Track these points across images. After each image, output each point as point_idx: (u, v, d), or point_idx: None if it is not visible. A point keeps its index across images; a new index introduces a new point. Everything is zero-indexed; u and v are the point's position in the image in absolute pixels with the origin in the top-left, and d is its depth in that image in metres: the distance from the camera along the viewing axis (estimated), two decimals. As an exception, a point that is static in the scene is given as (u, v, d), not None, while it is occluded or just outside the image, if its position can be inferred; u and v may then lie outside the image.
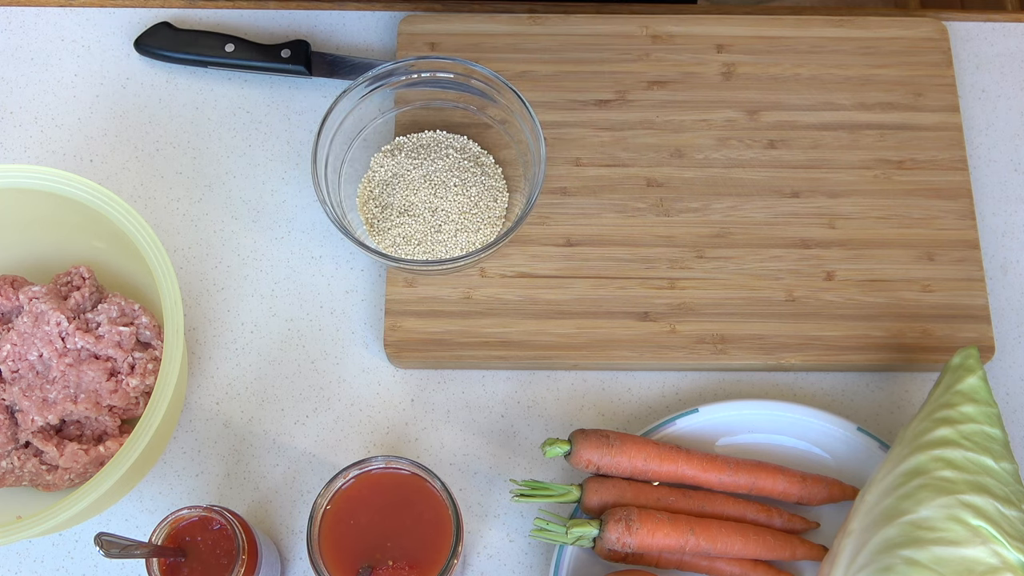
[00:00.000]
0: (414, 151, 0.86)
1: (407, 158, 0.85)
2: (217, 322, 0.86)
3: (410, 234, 0.83)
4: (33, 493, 0.79)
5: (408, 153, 0.85)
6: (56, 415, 0.78)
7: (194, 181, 0.90)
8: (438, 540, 0.69)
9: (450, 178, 0.84)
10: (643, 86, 0.90)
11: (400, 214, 0.83)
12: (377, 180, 0.85)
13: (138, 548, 0.67)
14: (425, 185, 0.83)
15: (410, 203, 0.83)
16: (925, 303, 0.84)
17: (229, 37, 0.92)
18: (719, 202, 0.87)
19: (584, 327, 0.83)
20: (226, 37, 0.92)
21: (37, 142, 0.91)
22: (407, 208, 0.83)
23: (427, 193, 0.83)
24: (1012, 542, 0.65)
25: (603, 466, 0.76)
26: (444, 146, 0.86)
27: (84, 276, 0.82)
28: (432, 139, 0.86)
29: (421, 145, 0.86)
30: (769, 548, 0.76)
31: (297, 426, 0.83)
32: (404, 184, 0.84)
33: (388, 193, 0.84)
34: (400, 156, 0.85)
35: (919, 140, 0.89)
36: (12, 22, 0.95)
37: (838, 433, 0.80)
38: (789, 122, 0.89)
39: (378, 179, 0.85)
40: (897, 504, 0.68)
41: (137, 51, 0.92)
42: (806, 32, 0.92)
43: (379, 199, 0.84)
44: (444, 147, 0.86)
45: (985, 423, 0.71)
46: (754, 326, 0.83)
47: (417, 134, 0.87)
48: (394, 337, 0.83)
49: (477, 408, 0.84)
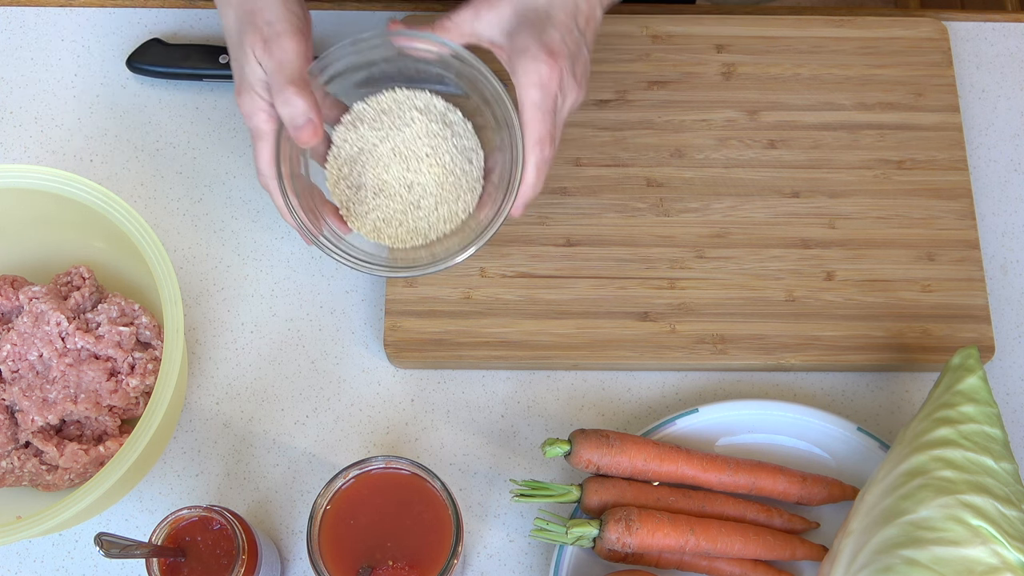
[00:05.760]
0: (376, 119, 0.79)
1: (371, 130, 0.78)
2: (217, 322, 0.86)
3: (389, 216, 0.79)
4: (33, 493, 0.79)
5: (370, 124, 0.79)
6: (56, 415, 0.78)
7: (194, 181, 0.90)
8: (438, 540, 0.69)
9: (420, 148, 0.78)
10: (643, 86, 0.90)
11: (375, 195, 0.78)
12: (343, 157, 0.79)
13: (138, 548, 0.67)
14: (396, 160, 0.78)
15: (383, 182, 0.78)
16: (925, 303, 0.84)
17: (222, 48, 0.90)
18: (719, 202, 0.87)
19: (584, 327, 0.83)
20: (219, 49, 0.90)
21: (37, 142, 0.91)
22: (381, 188, 0.78)
23: (399, 169, 0.78)
24: (1012, 542, 0.65)
25: (603, 466, 0.76)
26: (407, 107, 0.79)
27: (84, 276, 0.82)
28: (393, 100, 0.79)
29: (382, 111, 0.79)
30: (769, 548, 0.76)
31: (297, 426, 0.83)
32: (373, 161, 0.78)
33: (358, 172, 0.79)
34: (363, 128, 0.79)
35: (919, 140, 0.89)
36: (12, 22, 0.95)
37: (838, 433, 0.80)
38: (789, 122, 0.89)
39: (344, 156, 0.79)
40: (897, 504, 0.68)
41: (129, 69, 0.91)
42: (806, 32, 0.92)
43: (349, 179, 0.79)
44: (407, 109, 0.79)
45: (985, 423, 0.71)
46: (754, 326, 0.83)
47: (375, 97, 0.79)
48: (394, 337, 0.83)
49: (477, 408, 0.84)
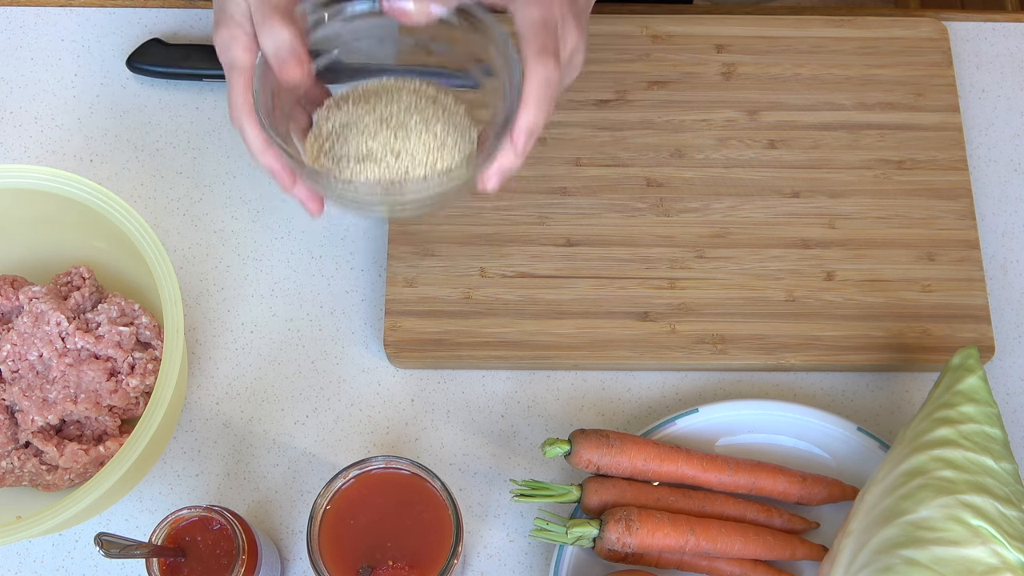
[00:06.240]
0: (362, 98, 0.71)
1: (355, 106, 0.71)
2: (217, 322, 0.86)
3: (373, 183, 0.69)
4: (33, 493, 0.79)
5: (355, 101, 0.71)
6: (56, 415, 0.78)
7: (194, 181, 0.90)
8: (438, 540, 0.69)
9: (408, 119, 0.69)
10: (643, 86, 0.90)
11: (358, 162, 0.68)
12: (324, 133, 0.70)
13: (138, 548, 0.67)
14: (383, 129, 0.69)
15: (368, 149, 0.68)
16: (925, 303, 0.84)
17: None
18: (719, 202, 0.87)
19: (584, 327, 0.83)
20: None
21: (37, 142, 0.91)
22: (366, 155, 0.68)
23: (386, 137, 0.69)
24: (1012, 542, 0.65)
25: (603, 466, 0.76)
26: (395, 89, 0.72)
27: (84, 276, 0.82)
28: (381, 86, 0.72)
29: (370, 92, 0.72)
30: (769, 548, 0.76)
31: (297, 426, 0.83)
32: (358, 131, 0.69)
33: (340, 144, 0.69)
34: (348, 106, 0.71)
35: (919, 140, 0.89)
36: (12, 22, 0.95)
37: (838, 433, 0.80)
38: (789, 122, 0.89)
39: (325, 132, 0.70)
40: (897, 504, 0.68)
41: (129, 69, 0.91)
42: (806, 32, 0.92)
43: (331, 153, 0.70)
44: (396, 91, 0.72)
45: (985, 423, 0.71)
46: (754, 326, 0.83)
47: (363, 83, 0.73)
48: (394, 337, 0.83)
49: (477, 408, 0.84)
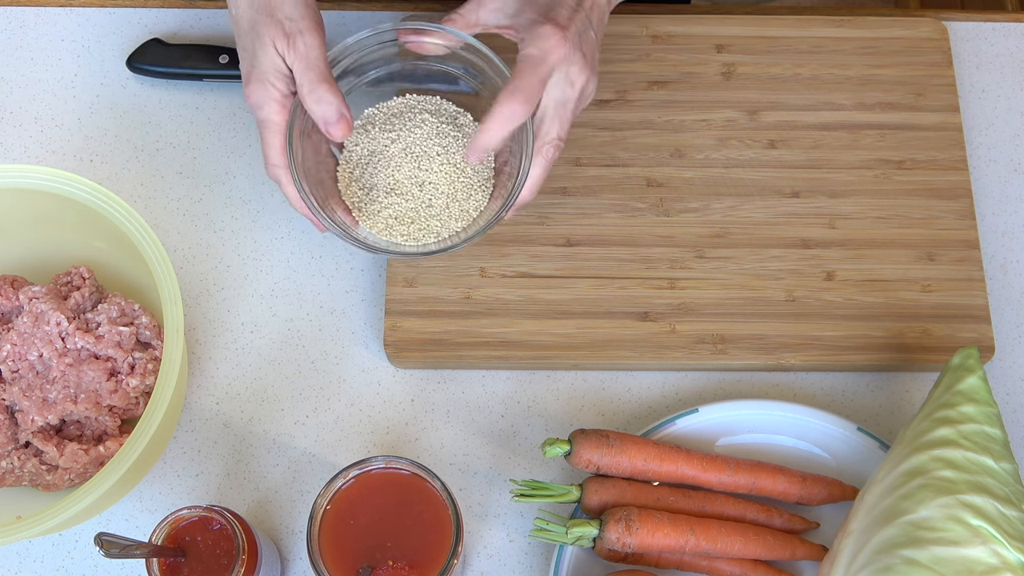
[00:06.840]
0: (387, 122, 0.82)
1: (381, 132, 0.81)
2: (217, 322, 0.86)
3: (401, 214, 0.80)
4: (33, 493, 0.79)
5: (382, 127, 0.82)
6: (56, 415, 0.78)
7: (194, 181, 0.90)
8: (438, 540, 0.69)
9: (431, 147, 0.81)
10: (643, 86, 0.90)
11: (387, 194, 0.80)
12: (355, 160, 0.81)
13: (138, 548, 0.67)
14: (407, 160, 0.80)
15: (395, 181, 0.80)
16: (925, 303, 0.84)
17: (222, 48, 0.90)
18: (719, 202, 0.87)
19: (584, 327, 0.83)
20: (219, 49, 0.90)
21: (37, 142, 0.91)
22: (393, 187, 0.80)
23: (411, 168, 0.80)
24: (1012, 542, 0.65)
25: (603, 466, 0.76)
26: (417, 111, 0.82)
27: (84, 276, 0.82)
28: (404, 105, 0.83)
29: (393, 115, 0.82)
30: (769, 548, 0.76)
31: (297, 426, 0.83)
32: (385, 161, 0.81)
33: (370, 173, 0.81)
34: (374, 131, 0.82)
35: (919, 140, 0.89)
36: (12, 22, 0.95)
37: (838, 433, 0.80)
38: (789, 122, 0.89)
39: (355, 159, 0.81)
40: (897, 504, 0.68)
41: (129, 69, 0.91)
42: (806, 32, 0.92)
43: (361, 180, 0.81)
44: (418, 112, 0.82)
45: (985, 423, 0.71)
46: (754, 326, 0.83)
47: (386, 103, 0.83)
48: (394, 337, 0.83)
49: (477, 408, 0.84)
